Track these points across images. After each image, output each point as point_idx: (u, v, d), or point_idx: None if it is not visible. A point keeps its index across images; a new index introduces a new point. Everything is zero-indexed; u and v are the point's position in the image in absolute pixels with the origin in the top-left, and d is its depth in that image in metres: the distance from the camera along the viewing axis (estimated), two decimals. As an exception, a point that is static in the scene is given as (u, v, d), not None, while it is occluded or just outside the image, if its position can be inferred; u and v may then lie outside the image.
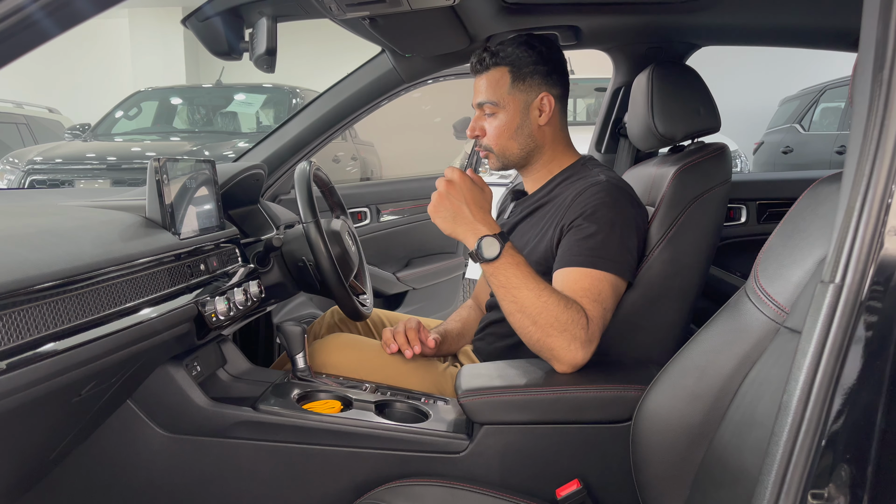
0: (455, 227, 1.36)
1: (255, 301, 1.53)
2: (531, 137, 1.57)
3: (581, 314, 1.30)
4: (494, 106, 1.55)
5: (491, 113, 1.56)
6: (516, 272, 1.31)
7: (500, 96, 1.54)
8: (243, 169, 1.78)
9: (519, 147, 1.57)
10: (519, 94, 1.54)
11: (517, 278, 1.31)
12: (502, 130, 1.55)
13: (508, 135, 1.55)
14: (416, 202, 3.00)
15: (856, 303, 0.63)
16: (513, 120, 1.55)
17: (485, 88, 1.55)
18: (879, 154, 0.63)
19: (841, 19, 1.84)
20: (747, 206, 2.26)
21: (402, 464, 1.34)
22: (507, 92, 1.54)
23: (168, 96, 6.77)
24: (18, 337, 0.90)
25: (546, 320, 1.29)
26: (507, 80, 1.54)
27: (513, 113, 1.54)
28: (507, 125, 1.55)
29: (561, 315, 1.29)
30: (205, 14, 1.56)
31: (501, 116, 1.55)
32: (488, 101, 1.55)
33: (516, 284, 1.31)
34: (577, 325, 1.29)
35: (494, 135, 1.56)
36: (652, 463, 1.10)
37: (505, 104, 1.54)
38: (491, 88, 1.54)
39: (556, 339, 1.29)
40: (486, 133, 1.57)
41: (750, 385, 0.94)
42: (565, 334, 1.29)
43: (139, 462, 1.39)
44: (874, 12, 0.64)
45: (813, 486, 0.64)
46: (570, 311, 1.29)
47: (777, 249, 0.98)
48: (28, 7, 0.67)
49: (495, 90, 1.54)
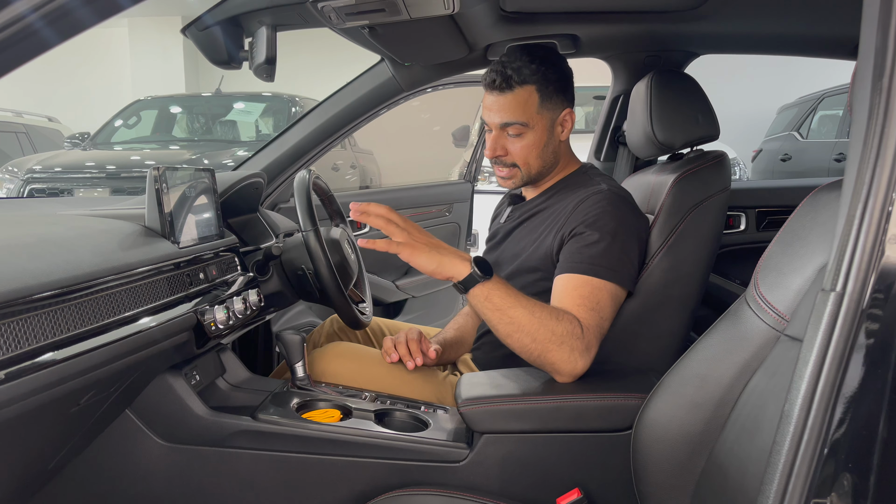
0: (441, 259, 1.28)
1: (254, 310, 1.52)
2: (555, 153, 1.57)
3: (575, 324, 1.30)
4: (523, 126, 1.51)
5: (517, 133, 1.52)
6: (508, 291, 1.30)
7: (528, 116, 1.50)
8: (243, 177, 1.78)
9: (544, 164, 1.56)
10: (546, 112, 1.52)
11: (510, 297, 1.29)
12: (531, 149, 1.53)
13: (536, 153, 1.54)
14: (416, 210, 2.99)
15: (857, 311, 0.63)
16: (541, 139, 1.53)
17: (511, 108, 1.50)
18: (879, 162, 0.63)
19: (839, 27, 1.85)
20: (747, 214, 2.26)
21: (401, 473, 1.34)
22: (536, 111, 1.51)
23: (167, 105, 6.78)
24: (17, 346, 0.89)
25: (543, 335, 1.28)
26: (536, 99, 1.50)
27: (541, 132, 1.52)
28: (536, 144, 1.52)
29: (556, 328, 1.28)
30: (204, 23, 1.57)
31: (530, 136, 1.52)
32: (517, 122, 1.50)
33: (511, 304, 1.29)
34: (572, 336, 1.29)
35: (523, 154, 1.53)
36: (652, 472, 1.09)
37: (534, 124, 1.51)
38: (520, 108, 1.50)
39: (555, 352, 1.29)
40: (510, 152, 1.54)
41: (750, 393, 0.94)
42: (563, 346, 1.29)
43: (138, 472, 1.39)
44: (873, 20, 0.64)
45: (815, 496, 0.64)
46: (563, 322, 1.29)
47: (777, 257, 0.97)
48: (28, 16, 0.67)
49: (524, 110, 1.50)
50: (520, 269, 1.55)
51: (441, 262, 1.28)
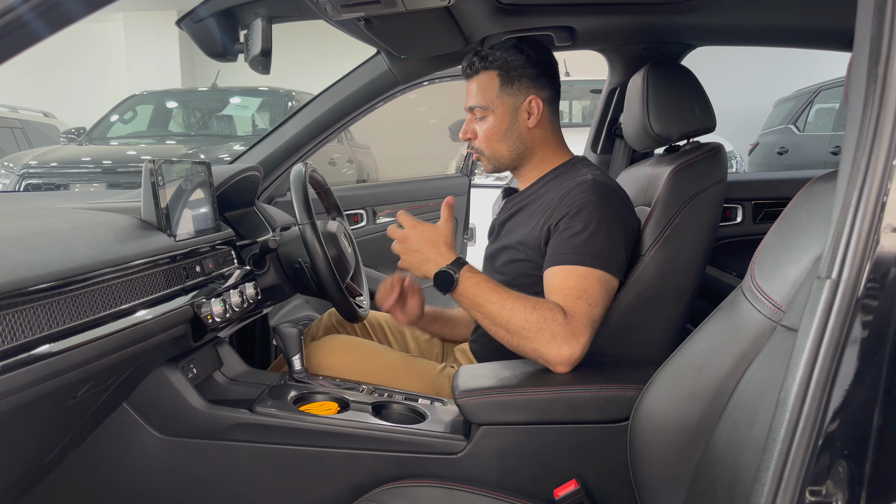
0: (420, 268, 1.42)
1: (251, 303, 1.52)
2: (520, 140, 1.58)
3: (555, 311, 1.31)
4: (484, 110, 1.57)
5: (481, 117, 1.58)
6: (477, 290, 1.36)
7: (489, 100, 1.56)
8: (239, 171, 1.77)
9: (509, 149, 1.59)
10: (507, 97, 1.56)
11: (479, 296, 1.36)
12: (491, 133, 1.57)
13: (498, 138, 1.57)
14: (413, 204, 2.99)
15: (852, 298, 0.63)
16: (501, 123, 1.57)
17: (475, 92, 1.58)
18: (875, 149, 0.63)
19: (836, 19, 1.85)
20: (743, 206, 2.26)
21: (399, 465, 1.34)
22: (496, 96, 1.56)
23: (163, 100, 6.75)
24: (13, 339, 0.89)
25: (517, 325, 1.31)
26: (496, 83, 1.56)
27: (501, 116, 1.56)
28: (497, 128, 1.57)
29: (530, 316, 1.31)
30: (199, 15, 1.56)
31: (490, 120, 1.57)
32: (478, 105, 1.57)
33: (481, 302, 1.35)
34: (551, 322, 1.30)
35: (484, 138, 1.58)
36: (649, 462, 1.09)
37: (494, 108, 1.56)
38: (480, 92, 1.57)
39: (534, 340, 1.31)
40: (477, 136, 1.59)
41: (747, 384, 0.94)
42: (542, 333, 1.30)
43: (135, 465, 1.39)
44: (869, 7, 0.64)
45: (811, 483, 0.64)
46: (539, 310, 1.31)
47: (773, 248, 0.97)
48: (19, 7, 0.66)
49: (484, 94, 1.56)
50: (512, 259, 1.56)
51: (423, 273, 1.42)
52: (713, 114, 1.62)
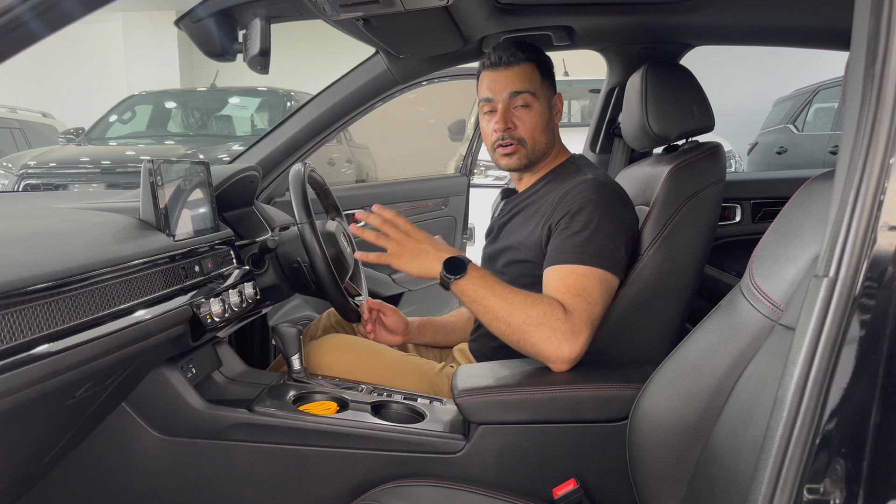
0: (422, 264, 1.37)
1: (250, 303, 1.52)
2: (553, 134, 1.60)
3: (555, 307, 1.31)
4: (531, 96, 1.54)
5: (525, 104, 1.54)
6: (482, 283, 1.35)
7: (535, 87, 1.55)
8: (238, 171, 1.77)
9: (546, 142, 1.59)
10: (545, 90, 1.57)
11: (483, 289, 1.34)
12: (537, 122, 1.55)
13: (542, 128, 1.57)
14: (412, 204, 2.99)
15: (850, 297, 0.63)
16: (544, 113, 1.57)
17: (519, 79, 1.54)
18: (872, 148, 0.63)
19: (834, 18, 1.85)
20: (742, 206, 2.26)
21: (398, 465, 1.34)
22: (540, 85, 1.56)
23: (162, 100, 6.75)
24: (11, 339, 0.89)
25: (518, 319, 1.31)
26: (538, 74, 1.56)
27: (544, 107, 1.57)
28: (541, 118, 1.56)
29: (531, 311, 1.31)
30: (197, 15, 1.56)
31: (537, 108, 1.55)
32: (526, 91, 1.53)
33: (484, 295, 1.34)
34: (552, 318, 1.30)
35: (530, 126, 1.55)
36: (648, 461, 1.09)
37: (540, 97, 1.55)
38: (527, 79, 1.54)
39: (534, 335, 1.30)
40: (517, 126, 1.55)
41: (745, 383, 0.94)
42: (542, 328, 1.30)
43: (134, 465, 1.39)
44: (866, 7, 0.64)
45: (809, 481, 0.64)
46: (540, 305, 1.31)
47: (771, 247, 0.98)
48: (17, 7, 0.66)
49: (531, 81, 1.55)
50: (513, 260, 1.56)
51: (423, 267, 1.37)
52: (712, 113, 1.63)
